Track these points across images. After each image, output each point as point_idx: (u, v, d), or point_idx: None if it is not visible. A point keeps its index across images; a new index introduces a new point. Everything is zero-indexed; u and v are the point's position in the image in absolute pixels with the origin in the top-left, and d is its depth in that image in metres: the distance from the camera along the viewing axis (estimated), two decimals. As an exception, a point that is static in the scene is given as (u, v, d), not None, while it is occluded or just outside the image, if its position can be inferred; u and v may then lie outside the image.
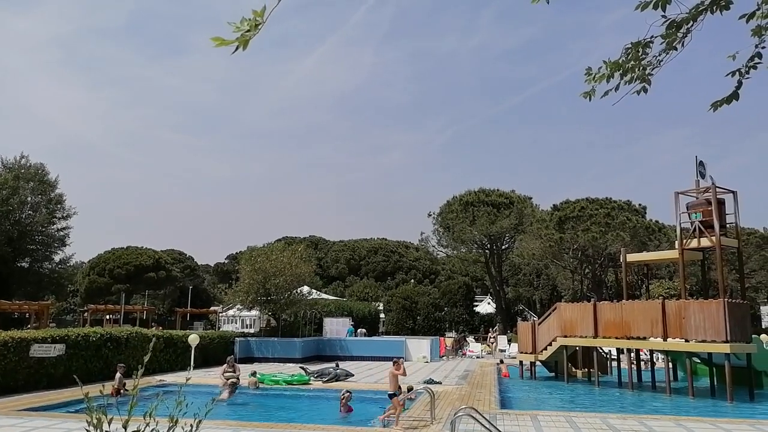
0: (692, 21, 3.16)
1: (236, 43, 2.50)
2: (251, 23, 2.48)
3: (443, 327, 44.62)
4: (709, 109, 3.64)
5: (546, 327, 20.73)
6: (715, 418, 12.09)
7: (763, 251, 46.23)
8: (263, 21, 2.52)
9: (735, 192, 18.20)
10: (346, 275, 70.57)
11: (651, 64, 3.38)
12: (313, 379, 17.75)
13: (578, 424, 10.78)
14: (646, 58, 3.39)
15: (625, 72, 3.47)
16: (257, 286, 25.89)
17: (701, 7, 3.12)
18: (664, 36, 3.24)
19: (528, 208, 46.86)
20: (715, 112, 3.93)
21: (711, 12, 3.13)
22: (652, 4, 3.12)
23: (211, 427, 10.21)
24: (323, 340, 27.99)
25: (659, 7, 3.11)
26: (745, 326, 16.77)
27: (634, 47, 3.41)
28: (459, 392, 15.54)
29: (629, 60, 3.48)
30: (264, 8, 2.49)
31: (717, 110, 3.64)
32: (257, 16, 2.48)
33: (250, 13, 2.49)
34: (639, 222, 39.45)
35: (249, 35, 2.50)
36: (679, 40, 3.28)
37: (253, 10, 2.51)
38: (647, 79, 3.42)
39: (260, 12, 2.49)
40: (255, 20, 2.50)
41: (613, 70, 3.61)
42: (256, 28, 2.50)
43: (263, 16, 2.48)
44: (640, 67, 3.42)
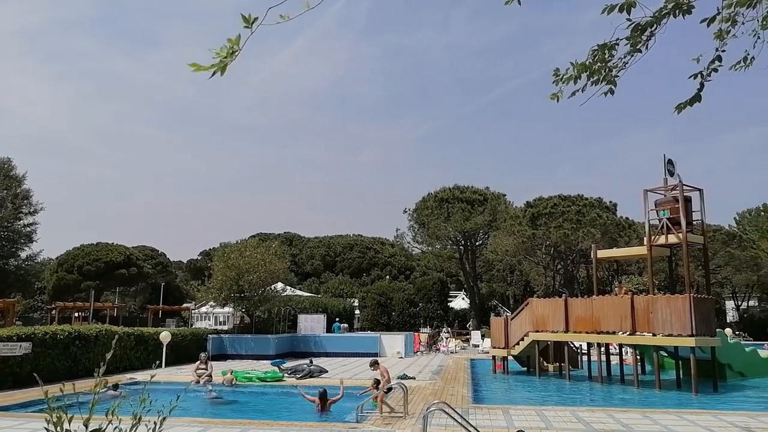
0: (656, 24, 3.25)
1: (213, 69, 2.58)
2: (228, 50, 2.54)
3: (418, 323, 44.89)
4: (673, 111, 3.74)
5: (518, 322, 21.01)
6: (680, 410, 12.42)
7: (728, 248, 47.50)
8: (239, 48, 2.59)
9: (701, 190, 18.66)
10: (321, 271, 70.40)
11: (616, 66, 3.46)
12: (286, 375, 17.69)
13: (549, 417, 10.97)
14: (612, 60, 3.46)
15: (591, 73, 3.54)
16: (230, 283, 25.67)
17: (664, 10, 3.21)
18: (629, 38, 3.33)
19: (501, 204, 47.36)
20: (679, 114, 4.04)
21: (674, 16, 3.22)
22: (617, 7, 3.20)
23: (183, 425, 10.13)
24: (297, 337, 27.90)
25: (624, 11, 3.19)
26: (710, 320, 17.26)
27: (600, 49, 3.48)
28: (432, 387, 15.66)
29: (596, 62, 3.56)
30: (239, 36, 2.56)
31: (681, 112, 3.75)
32: (233, 44, 2.55)
33: (224, 13, 2.54)
34: (610, 219, 40.23)
35: (226, 61, 2.57)
36: (643, 43, 3.37)
37: (229, 39, 2.60)
38: (613, 80, 3.50)
39: (236, 40, 2.57)
40: (231, 48, 2.57)
41: (580, 71, 3.67)
42: (232, 55, 2.57)
43: (239, 44, 2.55)
44: (606, 68, 3.49)
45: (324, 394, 12.64)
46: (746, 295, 58.29)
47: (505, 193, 49.30)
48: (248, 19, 2.49)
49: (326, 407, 12.48)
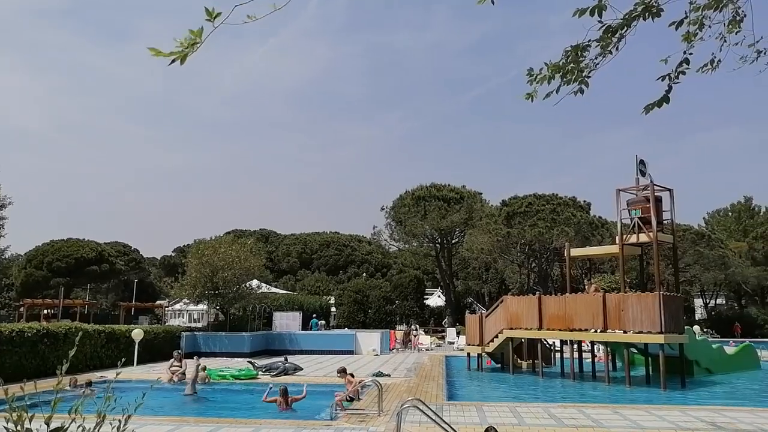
0: (626, 26, 3.30)
1: (173, 56, 2.53)
2: (189, 41, 2.50)
3: (394, 320, 45.00)
4: (641, 112, 3.81)
5: (493, 319, 21.20)
6: (648, 405, 12.68)
7: (697, 247, 48.60)
8: (201, 41, 2.55)
9: (671, 190, 19.06)
10: (297, 269, 70.04)
11: (588, 67, 3.51)
12: (261, 373, 17.57)
13: (521, 413, 11.10)
14: (584, 61, 3.51)
15: (564, 74, 3.58)
16: (204, 280, 25.39)
17: (634, 13, 3.26)
18: (599, 40, 3.37)
19: (477, 203, 47.71)
20: (647, 115, 4.11)
21: (644, 18, 3.28)
22: (588, 10, 3.24)
23: (155, 423, 10.00)
24: (272, 334, 27.74)
25: (596, 13, 3.23)
26: (679, 318, 17.64)
27: (573, 50, 3.53)
28: (407, 384, 15.72)
29: (569, 62, 3.60)
30: (201, 29, 2.52)
31: (649, 113, 3.82)
32: (195, 35, 2.50)
33: (197, 5, 2.50)
34: (583, 218, 40.83)
35: (187, 51, 2.53)
36: (614, 45, 3.42)
37: (190, 30, 2.54)
38: (585, 81, 3.55)
39: (198, 32, 2.52)
40: (193, 39, 2.52)
41: (553, 72, 3.71)
42: (193, 47, 2.52)
43: (201, 36, 2.51)
44: (578, 69, 3.54)
45: (285, 391, 12.61)
46: (714, 294, 59.76)
47: (481, 192, 49.74)
48: (211, 13, 2.46)
49: (288, 405, 12.44)
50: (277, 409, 12.42)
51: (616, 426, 9.93)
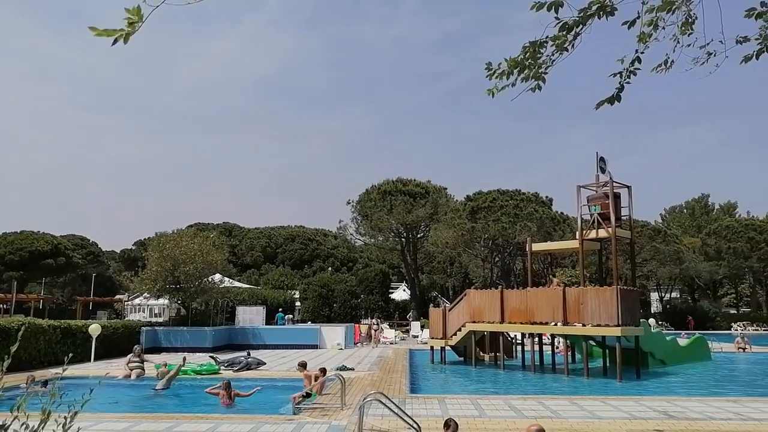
0: (582, 24, 3.36)
1: (116, 35, 2.43)
2: (129, 21, 2.40)
3: (359, 314, 45.03)
4: (594, 107, 3.90)
5: (456, 313, 21.42)
6: (605, 396, 13.04)
7: (654, 242, 50.13)
8: (141, 20, 2.45)
9: (630, 187, 19.57)
10: (261, 263, 69.30)
11: (545, 63, 3.56)
12: (223, 368, 17.36)
13: (482, 406, 11.26)
14: (541, 57, 3.56)
15: (522, 69, 3.63)
16: (166, 274, 24.91)
17: (589, 11, 3.32)
18: (554, 38, 3.43)
19: (443, 198, 48.10)
20: (597, 110, 4.20)
21: (598, 17, 3.34)
22: (546, 6, 3.29)
23: (112, 420, 9.79)
24: (235, 329, 27.43)
25: (552, 9, 3.28)
26: (635, 311, 18.18)
27: (531, 46, 3.57)
28: (371, 378, 15.76)
29: (527, 58, 3.65)
30: (139, 7, 2.41)
31: (599, 108, 3.91)
32: (133, 14, 2.40)
33: None
34: (545, 213, 41.61)
35: (128, 30, 2.43)
36: (569, 42, 3.48)
37: (126, 9, 2.43)
38: (541, 77, 3.60)
39: (135, 11, 2.41)
40: (132, 19, 2.43)
41: (512, 67, 3.75)
42: (132, 26, 2.42)
43: (139, 15, 2.40)
44: (536, 65, 3.59)
45: (228, 385, 12.53)
46: (669, 288, 61.75)
47: (446, 187, 50.14)
48: None
49: (231, 399, 12.37)
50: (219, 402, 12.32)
51: (573, 417, 10.17)
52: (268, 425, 9.36)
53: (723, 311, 57.56)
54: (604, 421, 9.83)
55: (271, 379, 15.91)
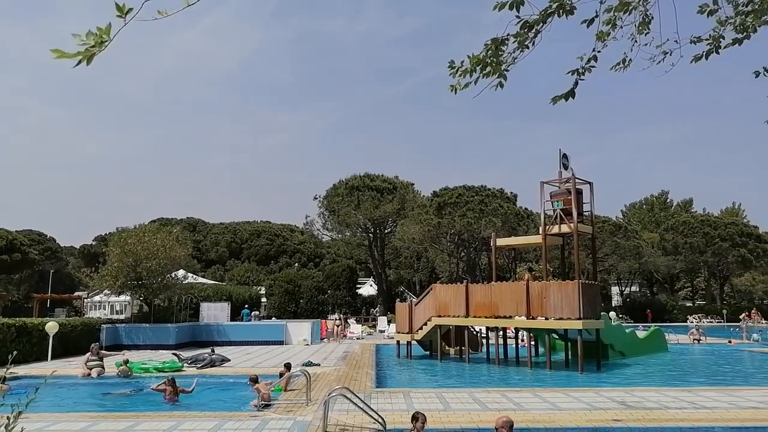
0: (542, 22, 3.42)
1: (79, 57, 2.36)
2: (96, 39, 2.33)
3: (326, 310, 44.92)
4: (549, 102, 3.98)
5: (422, 307, 21.56)
6: (566, 388, 13.32)
7: (615, 237, 51.42)
8: (109, 39, 2.39)
9: (591, 183, 20.00)
10: (226, 259, 68.39)
11: (506, 61, 3.61)
12: (186, 365, 17.10)
13: (447, 399, 11.38)
14: (502, 55, 3.60)
15: (484, 67, 3.66)
16: (127, 270, 24.34)
17: (549, 10, 3.38)
18: (516, 35, 3.47)
19: (410, 193, 48.32)
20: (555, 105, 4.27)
21: (558, 15, 3.40)
22: (508, 5, 3.33)
23: (70, 420, 9.54)
24: (199, 326, 27.02)
25: (514, 8, 3.33)
26: (596, 305, 18.62)
27: (492, 43, 3.61)
28: (337, 373, 15.75)
29: (489, 56, 3.68)
30: (110, 25, 2.35)
31: (556, 103, 3.99)
32: (102, 33, 2.33)
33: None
34: (510, 209, 42.21)
35: (94, 50, 2.36)
36: (530, 40, 3.53)
37: (98, 27, 2.36)
38: (503, 74, 3.64)
39: (106, 29, 2.35)
40: (100, 37, 2.36)
41: (475, 65, 3.78)
42: (101, 45, 2.36)
43: (109, 34, 2.34)
44: (498, 63, 3.63)
45: (174, 381, 12.40)
46: (629, 281, 63.49)
47: (413, 183, 50.38)
48: (122, 9, 2.31)
49: (177, 396, 12.25)
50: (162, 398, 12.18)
51: (535, 408, 10.37)
52: (232, 422, 9.27)
53: (680, 304, 59.50)
54: (565, 412, 10.05)
55: (237, 375, 15.74)
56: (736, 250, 54.47)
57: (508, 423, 7.10)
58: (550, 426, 9.08)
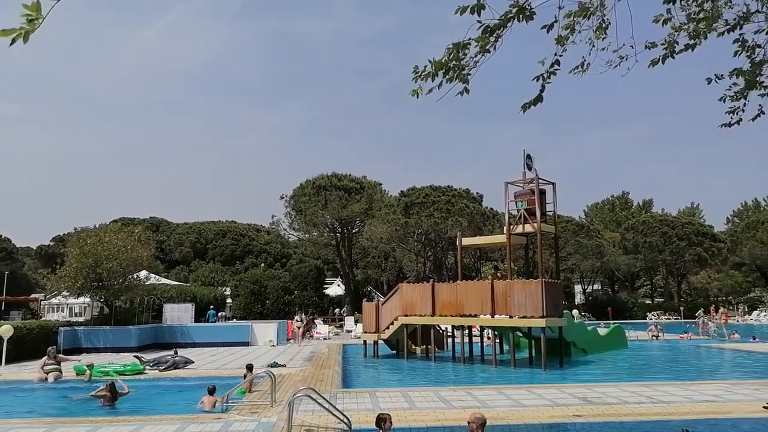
0: (503, 27, 3.48)
1: (14, 35, 2.21)
2: (27, 17, 2.18)
3: (293, 310, 44.57)
4: (519, 110, 4.05)
5: (389, 307, 21.63)
6: (530, 385, 13.56)
7: (578, 237, 52.52)
8: (42, 16, 2.24)
9: (554, 184, 20.37)
10: (191, 259, 67.21)
11: (468, 65, 3.65)
12: (149, 368, 16.76)
13: (413, 398, 11.45)
14: (464, 59, 3.65)
15: (447, 71, 3.70)
16: (87, 271, 23.70)
17: (509, 14, 3.44)
18: (478, 39, 3.52)
19: (377, 193, 48.39)
20: (525, 113, 4.36)
21: (518, 20, 3.47)
22: (469, 9, 3.38)
23: (25, 426, 9.25)
24: (162, 327, 26.50)
25: (475, 12, 3.37)
26: (559, 303, 18.98)
27: (454, 47, 3.65)
28: (303, 374, 15.67)
29: (451, 60, 3.72)
30: (38, 2, 2.20)
31: (526, 111, 4.06)
32: (31, 11, 2.18)
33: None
34: (476, 209, 42.71)
35: (27, 28, 2.21)
36: (491, 44, 3.59)
37: (24, 5, 2.21)
38: (466, 78, 3.68)
39: (34, 6, 2.20)
40: (29, 15, 2.21)
41: (437, 68, 3.81)
42: (31, 23, 2.21)
43: (39, 11, 2.19)
44: (460, 67, 3.67)
45: (113, 386, 12.27)
46: (591, 280, 64.93)
47: (381, 182, 50.45)
48: None
49: (115, 401, 12.08)
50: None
51: (500, 406, 10.52)
52: (195, 425, 9.13)
53: (639, 302, 61.17)
54: (528, 409, 10.23)
55: (201, 377, 15.51)
56: (693, 249, 56.29)
57: (480, 420, 7.18)
58: (513, 423, 9.22)
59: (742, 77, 4.89)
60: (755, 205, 78.12)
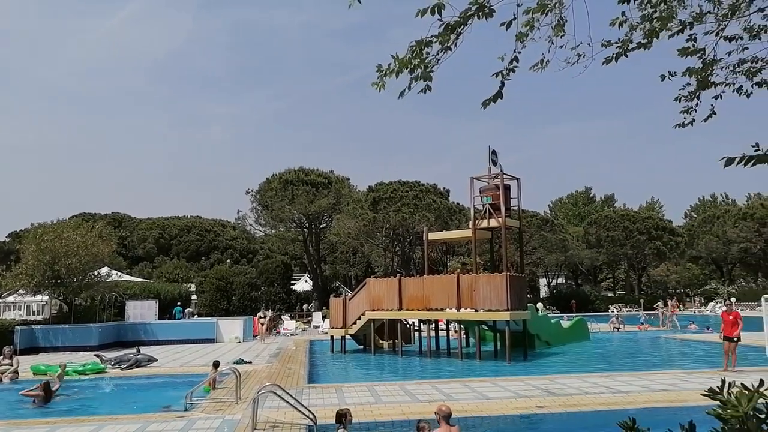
0: (463, 25, 3.51)
1: None
2: None
3: (259, 306, 44.17)
4: (480, 107, 4.10)
5: (356, 302, 21.65)
6: (495, 378, 13.78)
7: (542, 231, 53.42)
8: None
9: (519, 179, 20.66)
10: (154, 255, 65.86)
11: (431, 63, 3.67)
12: (110, 367, 16.40)
13: (379, 392, 11.50)
14: (427, 57, 3.66)
15: (410, 69, 3.70)
16: (44, 268, 23.01)
17: (469, 12, 3.47)
18: (438, 37, 3.55)
19: (345, 188, 48.25)
20: (485, 109, 4.40)
21: (478, 18, 3.51)
22: (429, 10, 3.39)
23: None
24: (125, 325, 25.94)
25: (435, 12, 3.39)
26: (523, 296, 19.30)
27: (417, 45, 3.66)
28: (269, 370, 15.57)
29: (414, 57, 3.73)
30: None
31: (486, 108, 4.11)
32: None
33: None
34: (443, 204, 43.00)
35: None
36: (452, 41, 3.62)
37: None
38: (428, 76, 3.70)
39: None
40: None
41: (402, 66, 3.81)
42: None
43: None
44: (423, 65, 3.68)
45: (47, 385, 12.09)
46: (556, 273, 66.20)
47: (348, 177, 50.32)
48: None
49: (50, 399, 11.89)
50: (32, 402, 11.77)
51: (464, 398, 10.67)
52: (157, 423, 8.99)
53: (602, 294, 62.63)
54: (492, 401, 10.40)
55: (164, 375, 15.28)
56: (653, 243, 57.87)
57: (444, 412, 7.28)
58: (477, 415, 9.37)
59: (693, 77, 5.04)
60: (712, 201, 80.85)
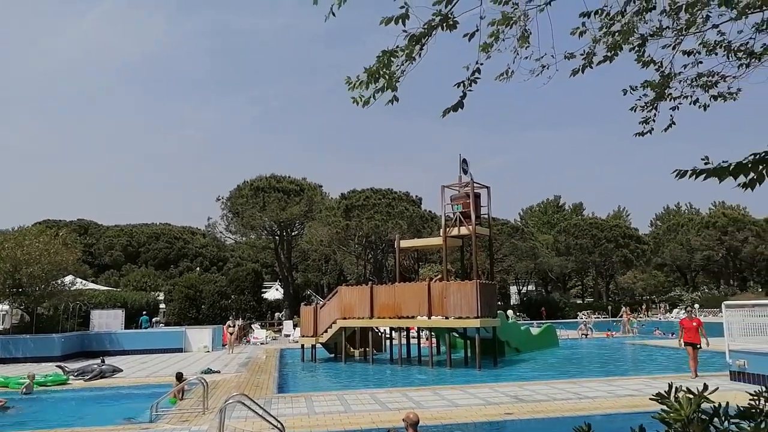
0: (428, 36, 3.56)
1: None
2: None
3: (229, 315, 43.58)
4: (440, 115, 4.15)
5: (327, 310, 21.54)
6: (464, 385, 13.85)
7: (513, 239, 54.05)
8: None
9: (489, 187, 20.91)
10: (122, 263, 64.51)
11: (395, 74, 3.70)
12: (73, 378, 15.96)
13: (349, 401, 11.46)
14: (393, 67, 3.70)
15: (377, 79, 3.73)
16: (4, 277, 22.34)
17: (433, 23, 3.53)
18: (403, 49, 3.59)
19: (318, 195, 48.04)
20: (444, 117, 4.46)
21: (442, 29, 3.56)
22: (394, 19, 3.43)
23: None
24: (89, 335, 25.30)
25: (400, 22, 3.43)
26: (493, 304, 19.47)
27: (384, 55, 3.69)
28: (237, 380, 15.36)
29: (381, 68, 3.75)
30: None
31: (445, 116, 4.17)
32: None
33: None
34: (415, 212, 43.21)
35: None
36: (417, 52, 3.66)
37: None
38: (394, 86, 3.73)
39: None
40: None
41: (371, 77, 3.83)
42: None
43: None
44: (390, 75, 3.71)
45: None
46: (526, 281, 66.97)
47: (321, 185, 50.10)
48: None
49: None
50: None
51: (434, 406, 10.69)
52: (121, 436, 8.78)
53: (571, 301, 63.59)
54: (461, 408, 10.45)
55: (129, 386, 14.94)
56: (620, 251, 59.08)
57: (412, 420, 7.28)
58: (447, 422, 9.40)
59: (652, 89, 5.20)
60: (676, 209, 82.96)
